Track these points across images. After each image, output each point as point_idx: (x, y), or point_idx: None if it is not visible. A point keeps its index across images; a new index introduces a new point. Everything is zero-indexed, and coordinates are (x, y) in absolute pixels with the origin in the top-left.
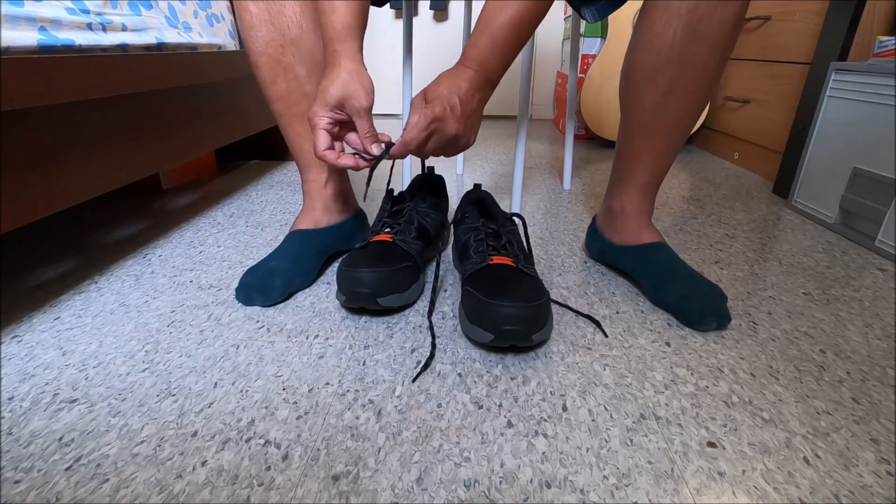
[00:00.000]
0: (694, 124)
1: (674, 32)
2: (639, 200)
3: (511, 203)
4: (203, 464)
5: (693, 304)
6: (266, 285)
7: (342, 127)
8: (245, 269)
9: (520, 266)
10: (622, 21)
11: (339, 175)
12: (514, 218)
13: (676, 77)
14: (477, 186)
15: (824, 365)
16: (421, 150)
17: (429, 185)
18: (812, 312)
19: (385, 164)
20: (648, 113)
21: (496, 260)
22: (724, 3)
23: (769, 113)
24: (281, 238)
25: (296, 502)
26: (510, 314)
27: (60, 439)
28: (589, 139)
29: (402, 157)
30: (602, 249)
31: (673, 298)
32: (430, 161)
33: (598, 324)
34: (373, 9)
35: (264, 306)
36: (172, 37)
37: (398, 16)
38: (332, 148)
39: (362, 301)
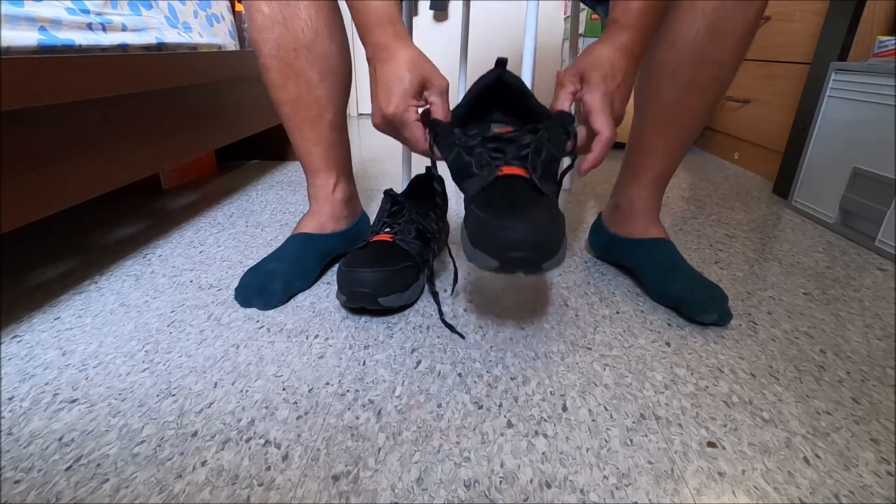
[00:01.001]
0: (705, 122)
1: (697, 30)
2: (648, 195)
3: None
4: (203, 464)
5: (696, 294)
6: (265, 288)
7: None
8: (245, 269)
9: (534, 179)
10: None
11: (347, 179)
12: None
13: (695, 74)
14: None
15: (824, 365)
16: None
17: (428, 185)
18: (812, 312)
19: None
20: (666, 108)
21: (505, 171)
22: (747, 3)
23: (769, 113)
24: (281, 238)
25: (296, 502)
26: (518, 239)
27: (60, 439)
28: None
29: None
30: (608, 242)
31: (675, 290)
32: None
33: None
34: None
35: (262, 310)
36: (172, 37)
37: None
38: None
39: (363, 301)
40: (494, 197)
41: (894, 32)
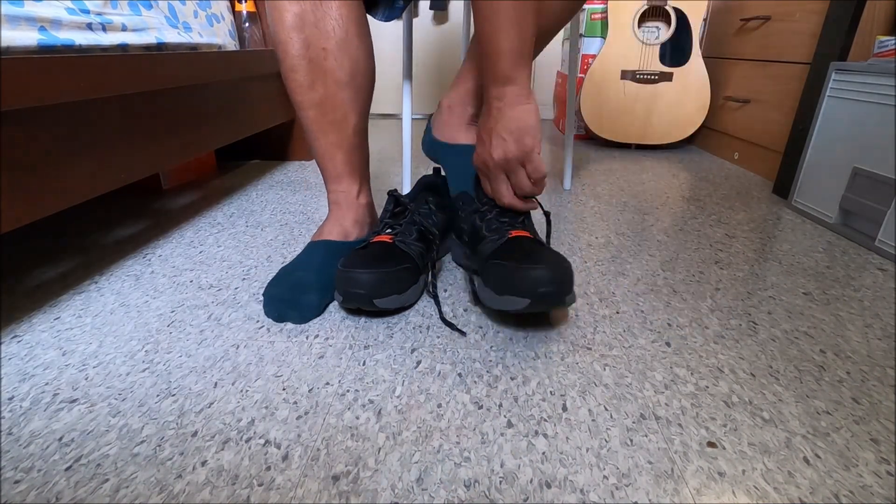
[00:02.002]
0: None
1: None
2: (462, 102)
3: None
4: (203, 464)
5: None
6: (299, 301)
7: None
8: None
9: (538, 239)
10: (622, 21)
11: (368, 185)
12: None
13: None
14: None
15: (824, 365)
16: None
17: (434, 186)
18: (812, 312)
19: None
20: (480, 40)
21: (515, 234)
22: None
23: (769, 113)
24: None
25: (296, 502)
26: (544, 276)
27: (60, 439)
28: (589, 139)
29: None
30: (430, 143)
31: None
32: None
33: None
34: None
35: (297, 324)
36: (172, 37)
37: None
38: None
39: (359, 302)
40: (512, 251)
41: (894, 32)
